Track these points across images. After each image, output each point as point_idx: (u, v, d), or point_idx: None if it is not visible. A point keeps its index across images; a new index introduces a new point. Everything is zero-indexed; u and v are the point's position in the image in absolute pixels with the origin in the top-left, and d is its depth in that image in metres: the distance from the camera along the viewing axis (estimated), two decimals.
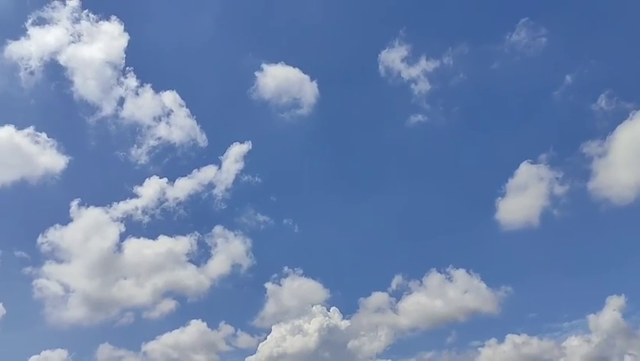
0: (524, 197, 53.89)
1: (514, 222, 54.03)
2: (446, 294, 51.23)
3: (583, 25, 61.99)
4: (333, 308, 49.87)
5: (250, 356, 48.36)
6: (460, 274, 51.24)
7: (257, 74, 60.46)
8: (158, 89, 57.99)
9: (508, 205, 54.16)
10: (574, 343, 47.23)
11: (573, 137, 56.39)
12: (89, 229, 52.64)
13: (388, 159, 63.15)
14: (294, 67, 60.19)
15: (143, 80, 57.63)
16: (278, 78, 60.27)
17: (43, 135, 54.62)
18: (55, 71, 57.07)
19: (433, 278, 51.77)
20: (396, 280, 52.28)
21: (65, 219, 52.61)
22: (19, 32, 56.33)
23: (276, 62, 60.59)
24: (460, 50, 61.04)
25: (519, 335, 48.36)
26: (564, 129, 58.45)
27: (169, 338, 50.60)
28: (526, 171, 54.05)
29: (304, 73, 60.07)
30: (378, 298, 52.14)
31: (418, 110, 60.39)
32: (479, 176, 59.87)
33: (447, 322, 51.40)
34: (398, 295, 52.00)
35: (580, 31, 62.09)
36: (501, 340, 48.60)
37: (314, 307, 49.44)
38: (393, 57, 60.10)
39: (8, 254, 52.26)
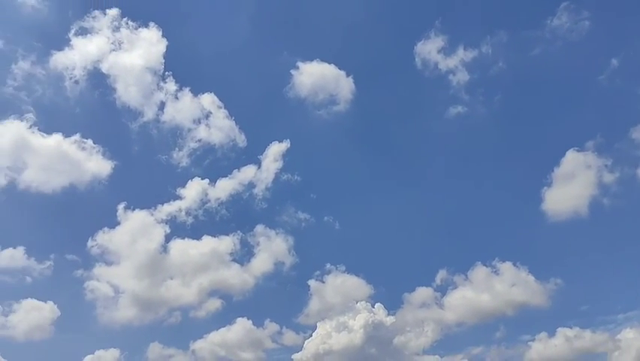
0: (572, 186, 52.48)
1: (562, 212, 52.68)
2: (493, 288, 50.26)
3: (627, 6, 59.72)
4: (377, 304, 49.69)
5: (296, 354, 48.62)
6: (506, 267, 50.23)
7: (292, 72, 60.67)
8: (196, 92, 58.91)
9: (554, 195, 52.93)
10: (629, 335, 45.63)
11: (621, 122, 54.55)
12: (135, 232, 53.97)
13: (429, 152, 62.44)
14: (330, 63, 60.16)
15: (181, 84, 58.65)
16: (314, 75, 60.34)
17: (89, 142, 56.26)
18: (98, 79, 58.67)
19: (479, 272, 50.89)
20: (441, 275, 51.63)
21: (113, 223, 54.06)
22: (63, 43, 58.14)
23: (311, 60, 60.62)
24: (498, 38, 59.87)
25: (571, 328, 47.10)
26: (612, 115, 56.57)
27: (216, 337, 51.42)
28: (572, 159, 52.71)
29: (340, 69, 59.98)
30: (423, 293, 51.60)
31: (458, 101, 59.46)
32: (524, 166, 58.55)
33: (495, 316, 50.43)
34: (443, 289, 51.32)
35: (624, 12, 59.69)
36: (552, 334, 47.37)
37: (358, 304, 49.33)
38: (429, 49, 59.38)
39: (60, 258, 54.10)
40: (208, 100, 58.92)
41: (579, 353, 46.13)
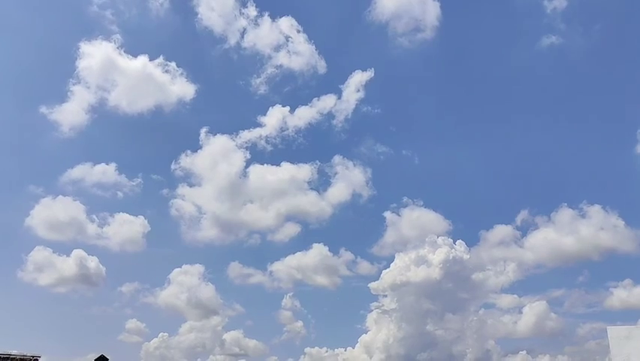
0: None
1: None
2: (578, 231, 49.15)
3: None
4: (459, 241, 49.69)
5: (373, 282, 49.86)
6: (594, 210, 48.78)
7: None
8: (275, 15, 57.77)
9: None
10: None
11: None
12: (216, 156, 55.50)
13: (517, 86, 59.76)
14: None
15: (261, 8, 57.64)
16: None
17: (173, 64, 57.01)
18: (181, 1, 58.35)
19: (564, 214, 49.70)
20: (522, 215, 50.71)
21: (195, 146, 55.65)
22: None
23: None
24: None
25: None
26: None
27: (293, 260, 53.50)
28: None
29: None
30: (502, 231, 51.17)
31: (552, 30, 56.08)
32: (620, 104, 55.20)
33: (578, 260, 49.58)
34: (523, 229, 50.61)
35: None
36: (638, 281, 46.11)
37: (439, 239, 49.43)
38: None
39: (147, 177, 56.66)
40: (287, 24, 58.18)
41: None
